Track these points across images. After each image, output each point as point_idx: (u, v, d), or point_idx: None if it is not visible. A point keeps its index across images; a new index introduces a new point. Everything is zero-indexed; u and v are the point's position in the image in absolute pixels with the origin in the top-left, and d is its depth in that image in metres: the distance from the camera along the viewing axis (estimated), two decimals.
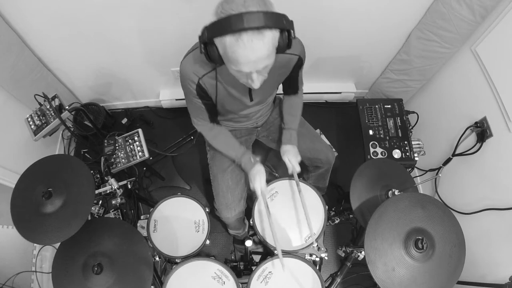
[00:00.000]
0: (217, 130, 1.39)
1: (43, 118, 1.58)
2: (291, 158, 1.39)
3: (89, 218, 1.65)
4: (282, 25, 0.88)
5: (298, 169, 1.38)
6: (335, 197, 2.09)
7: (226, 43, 0.87)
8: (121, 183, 1.56)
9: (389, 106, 1.93)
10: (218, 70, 1.13)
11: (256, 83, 1.00)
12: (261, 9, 0.85)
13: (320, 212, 1.43)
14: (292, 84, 1.40)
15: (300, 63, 1.24)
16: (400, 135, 1.86)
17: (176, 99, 2.25)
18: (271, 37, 0.88)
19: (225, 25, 0.85)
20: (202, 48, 0.94)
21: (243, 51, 0.86)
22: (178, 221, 1.49)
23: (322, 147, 1.57)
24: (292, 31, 0.92)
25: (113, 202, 1.56)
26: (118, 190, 1.53)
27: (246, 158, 1.36)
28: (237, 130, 1.55)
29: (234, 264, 1.70)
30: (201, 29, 0.92)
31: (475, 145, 1.58)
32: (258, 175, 1.32)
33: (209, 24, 0.89)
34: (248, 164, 1.35)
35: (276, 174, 2.16)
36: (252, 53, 0.87)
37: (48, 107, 1.57)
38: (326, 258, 1.44)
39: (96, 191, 1.46)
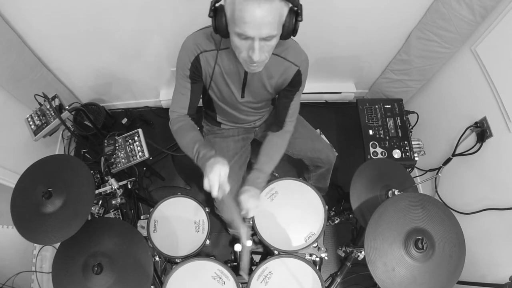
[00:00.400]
0: (183, 126, 1.24)
1: (43, 118, 1.58)
2: (248, 198, 1.14)
3: (89, 218, 1.65)
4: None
5: (251, 214, 1.15)
6: (335, 197, 2.09)
7: (236, 0, 0.87)
8: (121, 183, 1.56)
9: (389, 106, 1.93)
10: (220, 53, 1.12)
11: (256, 54, 0.94)
12: None
13: (320, 212, 1.43)
14: (279, 114, 1.30)
15: (298, 79, 1.18)
16: (400, 135, 1.86)
17: None
18: (279, 5, 0.89)
19: None
20: (211, 11, 0.94)
21: (251, 8, 0.86)
22: (178, 221, 1.49)
23: (322, 147, 1.57)
24: (300, 14, 0.93)
25: (113, 202, 1.56)
26: (118, 190, 1.53)
27: (202, 151, 1.12)
28: (234, 129, 1.55)
29: (234, 264, 1.70)
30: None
31: (475, 145, 1.58)
32: (212, 168, 1.02)
33: None
34: (203, 159, 1.09)
35: (276, 174, 2.16)
36: (260, 11, 0.86)
37: (48, 107, 1.57)
38: (326, 258, 1.44)
39: (96, 191, 1.47)
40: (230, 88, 1.24)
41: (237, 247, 1.25)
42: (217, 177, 1.01)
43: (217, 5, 0.96)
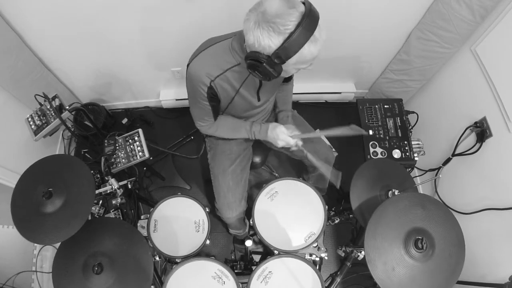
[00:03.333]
0: (216, 123, 1.36)
1: (44, 118, 1.58)
2: (290, 132, 1.34)
3: (90, 218, 1.65)
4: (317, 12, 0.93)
5: (291, 142, 1.32)
6: (335, 197, 2.09)
7: (305, 50, 0.90)
8: (121, 183, 1.56)
9: (389, 106, 1.94)
10: (230, 73, 1.13)
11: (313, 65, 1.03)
12: (299, 3, 0.90)
13: (320, 212, 1.43)
14: (289, 76, 1.44)
15: None
16: (400, 135, 1.86)
17: (177, 99, 2.25)
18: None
19: (302, 37, 0.88)
20: (273, 72, 0.95)
21: (319, 46, 0.92)
22: (178, 221, 1.50)
23: (321, 148, 1.58)
24: None
25: (113, 202, 1.56)
26: (118, 190, 1.53)
27: (256, 128, 1.35)
28: None
29: (234, 263, 1.70)
30: (261, 51, 0.92)
31: (474, 145, 1.58)
32: (276, 130, 1.30)
33: (280, 46, 0.89)
34: (262, 131, 1.34)
35: (276, 174, 2.16)
36: (323, 42, 0.93)
37: (48, 107, 1.57)
38: (326, 258, 1.44)
39: (96, 191, 1.46)
40: (246, 99, 1.26)
41: (248, 243, 1.36)
42: (284, 137, 1.29)
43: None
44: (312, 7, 0.90)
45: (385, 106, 1.93)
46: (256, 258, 1.83)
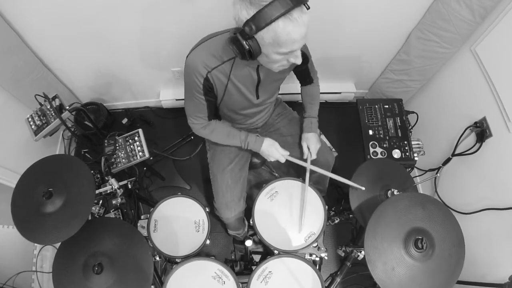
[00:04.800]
0: (212, 125, 1.38)
1: (44, 118, 1.59)
2: (311, 145, 1.45)
3: (90, 218, 1.65)
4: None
5: (314, 156, 1.43)
6: (335, 197, 2.10)
7: (279, 28, 0.89)
8: (121, 183, 1.56)
9: (388, 106, 1.94)
10: (228, 65, 1.12)
11: (299, 58, 1.02)
12: None
13: (320, 212, 1.43)
14: (305, 76, 1.47)
15: (304, 56, 1.23)
16: (399, 135, 1.86)
17: (177, 99, 2.25)
18: (306, 9, 0.92)
19: (274, 9, 0.86)
20: (245, 44, 0.95)
21: (298, 28, 0.90)
22: (178, 221, 1.50)
23: (321, 149, 1.57)
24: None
25: (114, 202, 1.56)
26: (118, 190, 1.53)
27: (251, 139, 1.37)
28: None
29: (234, 263, 1.70)
30: (241, 25, 0.93)
31: (474, 145, 1.58)
32: (271, 148, 1.37)
33: (251, 17, 0.89)
34: (257, 143, 1.37)
35: (276, 174, 2.16)
36: (304, 27, 0.91)
37: (48, 107, 1.58)
38: (326, 258, 1.44)
39: (97, 191, 1.46)
40: (244, 95, 1.26)
41: (248, 243, 1.37)
42: (278, 155, 1.37)
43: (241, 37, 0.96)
44: None
45: (385, 106, 1.93)
46: (256, 258, 1.83)
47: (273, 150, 1.37)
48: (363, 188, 1.35)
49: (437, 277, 1.07)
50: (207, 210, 1.51)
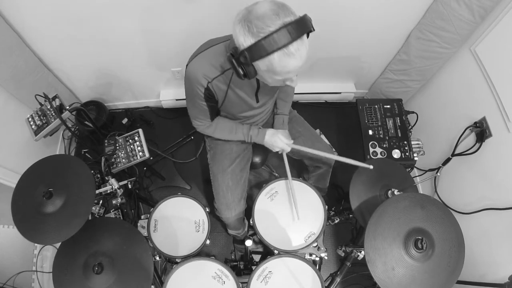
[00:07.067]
0: (214, 123, 1.38)
1: (44, 118, 1.59)
2: (282, 138, 1.43)
3: (90, 218, 1.65)
4: (310, 27, 0.91)
5: (287, 149, 1.42)
6: (335, 197, 2.10)
7: (275, 60, 0.89)
8: (121, 183, 1.56)
9: (388, 106, 1.94)
10: (228, 74, 1.13)
11: (295, 82, 1.04)
12: (293, 16, 0.88)
13: (320, 212, 1.44)
14: None
15: None
16: (399, 135, 1.86)
17: (177, 99, 2.25)
18: (306, 39, 0.91)
19: (271, 43, 0.86)
20: (240, 70, 0.94)
21: (293, 61, 0.90)
22: (178, 221, 1.50)
23: (322, 148, 1.57)
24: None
25: (114, 202, 1.57)
26: (118, 190, 1.53)
27: (254, 132, 1.39)
28: None
29: (234, 263, 1.70)
30: (235, 52, 0.93)
31: (474, 145, 1.58)
32: (274, 137, 1.37)
33: (248, 47, 0.88)
34: (260, 135, 1.38)
35: (276, 174, 2.16)
36: (300, 60, 0.91)
37: (48, 107, 1.58)
38: (326, 257, 1.44)
39: (97, 191, 1.47)
40: (244, 100, 1.27)
41: (248, 243, 1.37)
42: (282, 144, 1.37)
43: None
44: (302, 21, 0.87)
45: (385, 106, 1.93)
46: (256, 258, 1.83)
47: (277, 140, 1.37)
48: (371, 167, 1.32)
49: (437, 277, 1.07)
50: (207, 210, 1.51)
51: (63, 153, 2.20)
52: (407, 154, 1.82)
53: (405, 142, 1.84)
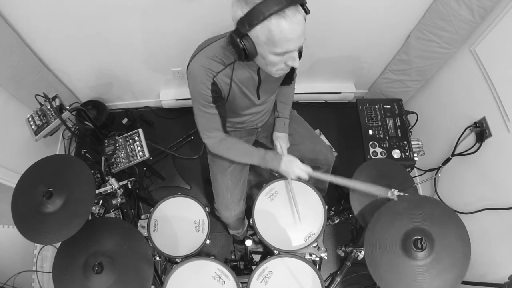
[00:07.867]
0: (228, 141, 1.34)
1: (44, 118, 1.59)
2: (282, 144, 1.46)
3: (90, 218, 1.65)
4: None
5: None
6: (335, 197, 2.10)
7: (272, 25, 0.89)
8: (121, 183, 1.56)
9: (388, 106, 1.94)
10: (230, 69, 1.13)
11: (297, 61, 1.01)
12: None
13: (320, 212, 1.44)
14: (289, 75, 1.43)
15: (299, 56, 1.24)
16: (399, 135, 1.86)
17: (177, 99, 2.25)
18: (302, 10, 0.91)
19: (268, 7, 0.87)
20: (239, 42, 0.95)
21: (292, 26, 0.90)
22: (178, 221, 1.50)
23: (321, 148, 1.58)
24: (308, 11, 0.95)
25: (114, 202, 1.57)
26: (118, 190, 1.53)
27: (269, 156, 1.32)
28: (237, 131, 1.55)
29: (234, 263, 1.70)
30: (236, 23, 0.94)
31: (474, 145, 1.58)
32: (290, 164, 1.30)
33: (244, 15, 0.90)
34: (276, 160, 1.32)
35: (276, 174, 2.16)
36: (298, 26, 0.91)
37: (48, 107, 1.58)
38: (326, 257, 1.44)
39: (97, 191, 1.47)
40: (247, 96, 1.26)
41: (248, 243, 1.35)
42: (299, 171, 1.29)
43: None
44: None
45: (385, 106, 1.93)
46: (256, 258, 1.83)
47: (293, 167, 1.29)
48: (396, 199, 1.20)
49: (437, 277, 1.07)
50: (207, 210, 1.51)
51: (63, 153, 2.20)
52: (407, 154, 1.82)
53: (405, 142, 1.84)
